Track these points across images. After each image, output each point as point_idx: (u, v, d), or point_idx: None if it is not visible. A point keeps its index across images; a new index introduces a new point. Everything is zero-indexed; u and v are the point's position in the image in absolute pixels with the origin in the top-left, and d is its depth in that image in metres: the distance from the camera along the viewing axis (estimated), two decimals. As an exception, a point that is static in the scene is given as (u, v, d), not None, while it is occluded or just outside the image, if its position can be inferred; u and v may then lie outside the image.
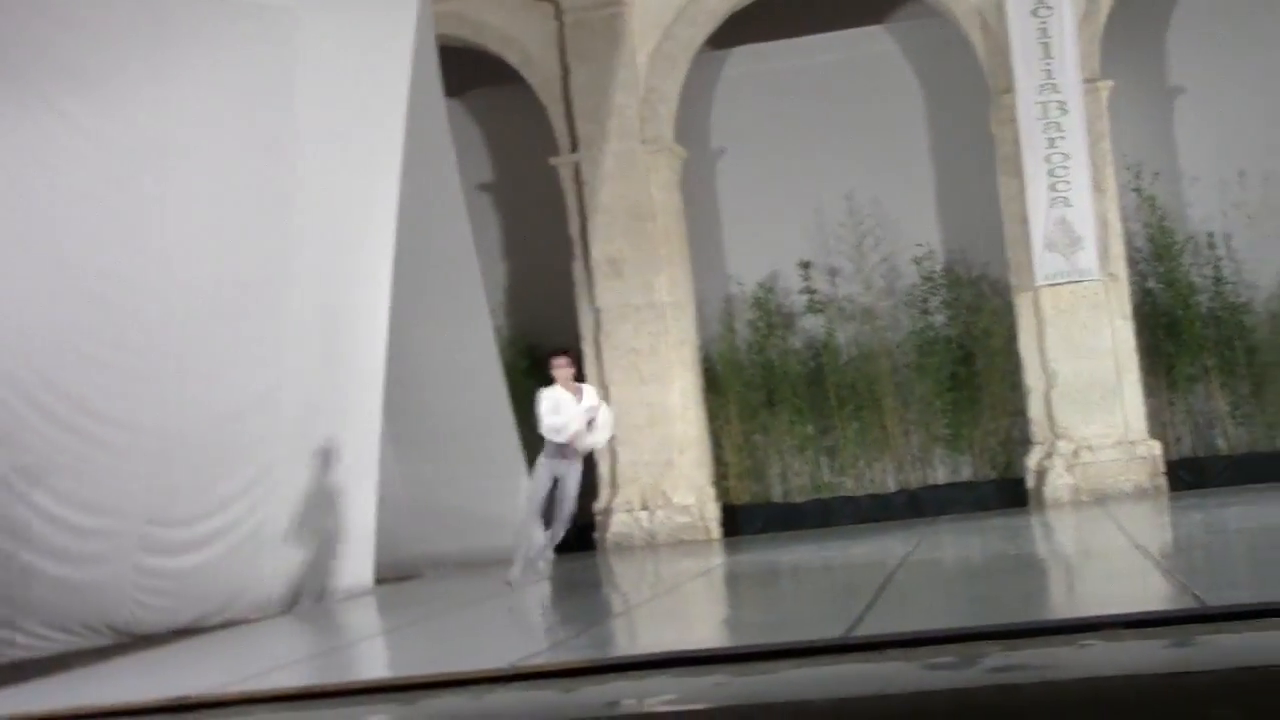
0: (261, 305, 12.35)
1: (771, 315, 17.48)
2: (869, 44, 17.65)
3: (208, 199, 11.78)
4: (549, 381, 12.62)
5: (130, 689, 8.34)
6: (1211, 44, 16.85)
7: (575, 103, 16.83)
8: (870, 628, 7.44)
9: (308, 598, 12.88)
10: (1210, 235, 16.55)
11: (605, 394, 16.60)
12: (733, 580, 12.34)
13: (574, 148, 16.84)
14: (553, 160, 17.01)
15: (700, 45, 16.99)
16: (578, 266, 16.89)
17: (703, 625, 9.72)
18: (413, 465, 15.13)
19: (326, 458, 13.01)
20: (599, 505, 16.67)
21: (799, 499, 17.17)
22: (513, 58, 17.13)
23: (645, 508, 16.56)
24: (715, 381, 17.24)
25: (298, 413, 12.73)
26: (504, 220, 18.51)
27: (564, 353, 12.90)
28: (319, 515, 12.97)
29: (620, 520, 16.56)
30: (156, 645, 10.92)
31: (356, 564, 13.47)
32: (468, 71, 17.21)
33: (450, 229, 15.58)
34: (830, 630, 7.32)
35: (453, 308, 15.59)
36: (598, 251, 16.72)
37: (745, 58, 17.84)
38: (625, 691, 6.38)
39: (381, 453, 13.79)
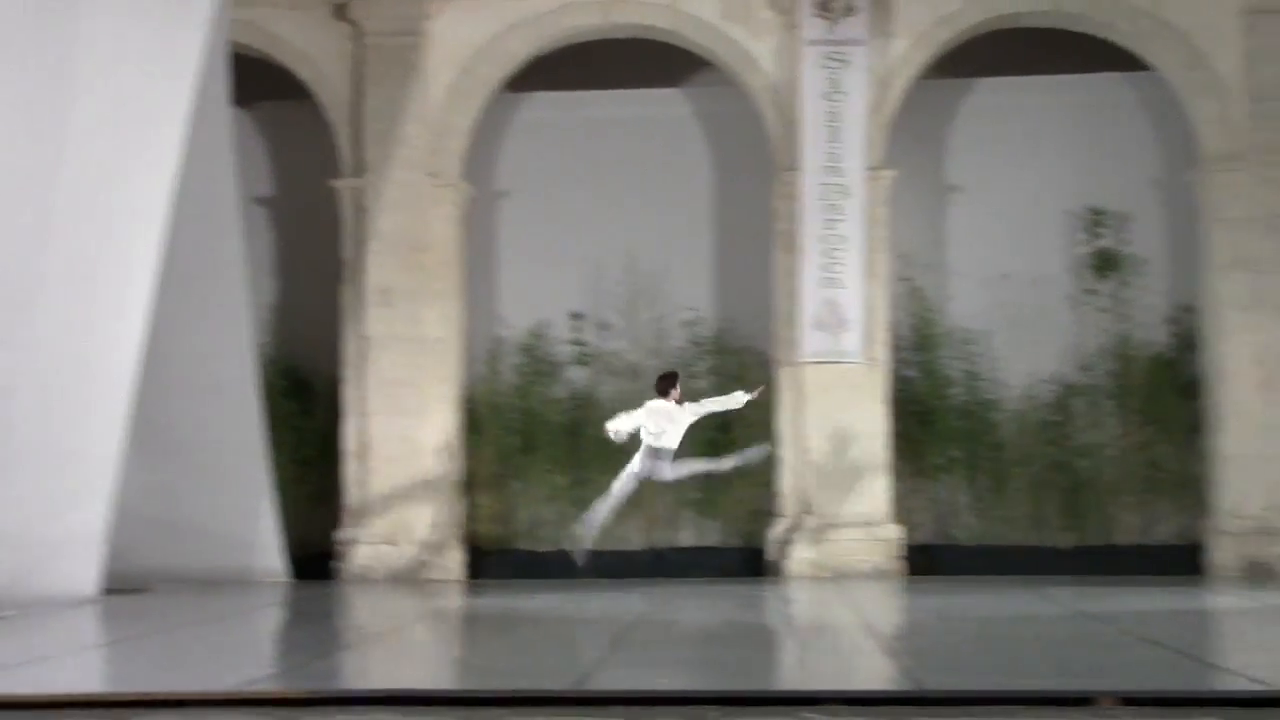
0: (7, 293, 11.90)
1: (538, 362, 17.48)
2: (664, 106, 17.81)
3: None
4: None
5: None
6: (991, 146, 17.40)
7: (365, 127, 16.67)
8: (600, 682, 7.44)
9: (23, 603, 12.35)
10: (969, 332, 17.04)
11: (363, 424, 16.44)
12: (469, 623, 12.27)
13: (358, 172, 16.66)
14: (335, 182, 16.80)
15: (498, 85, 16.97)
16: (348, 291, 16.68)
17: (433, 665, 9.63)
18: (154, 475, 14.73)
19: (62, 460, 12.58)
20: (342, 535, 16.44)
21: (545, 548, 17.12)
22: (305, 74, 16.90)
23: (390, 542, 16.38)
24: (475, 422, 17.15)
25: (35, 412, 12.29)
26: (279, 237, 18.19)
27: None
28: (43, 520, 12.51)
29: (364, 552, 16.34)
30: None
31: (80, 572, 12.99)
32: (257, 82, 16.89)
33: (221, 239, 15.30)
34: (559, 681, 7.30)
35: (215, 319, 15.28)
36: (371, 279, 16.54)
37: (541, 104, 17.86)
38: (344, 725, 6.28)
39: (125, 460, 13.39)
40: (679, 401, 13.72)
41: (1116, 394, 16.84)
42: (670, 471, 13.84)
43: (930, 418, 16.82)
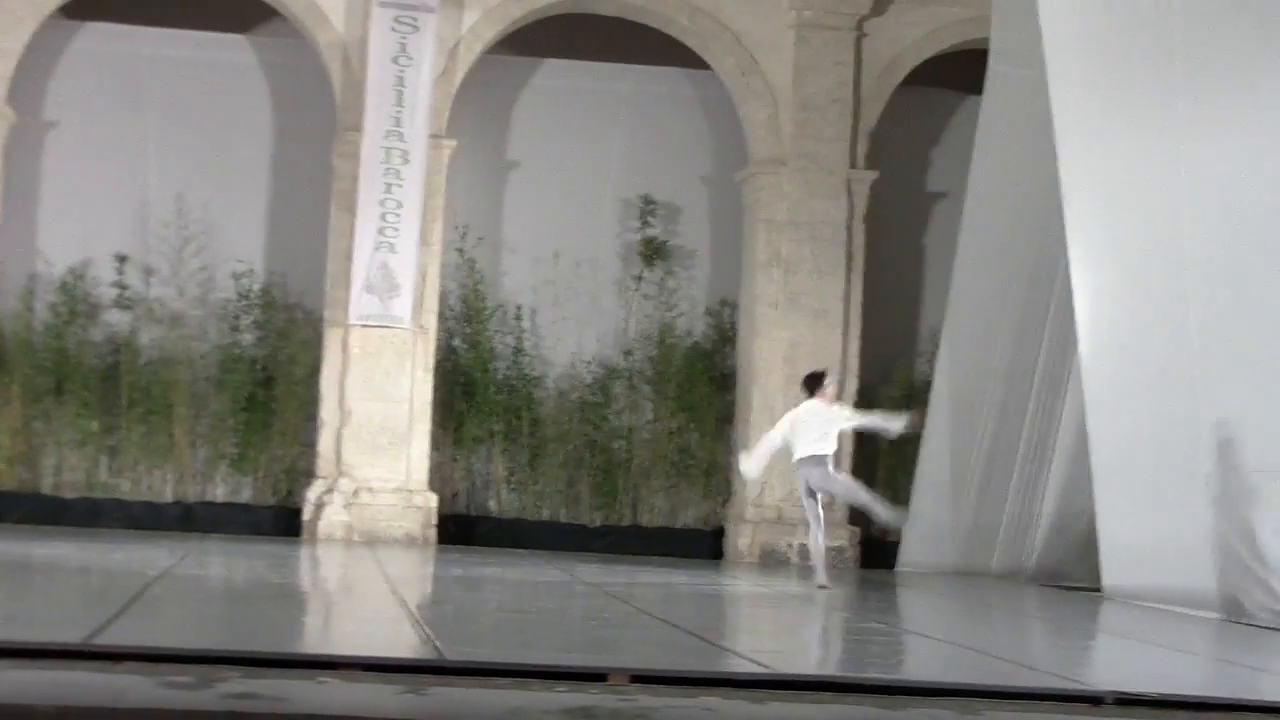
0: None
1: (76, 303, 16.83)
2: (228, 51, 17.39)
3: None
4: None
5: None
6: (552, 126, 17.73)
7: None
8: (114, 637, 7.28)
9: None
10: (519, 307, 17.35)
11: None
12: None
13: (-107, 87, 15.68)
14: None
15: (51, 10, 16.18)
16: None
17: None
18: None
19: None
20: None
21: (70, 495, 16.56)
22: None
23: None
24: (3, 360, 16.41)
25: None
26: None
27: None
28: None
29: None
30: None
31: None
32: None
33: None
34: (70, 634, 7.11)
35: None
36: (-102, 200, 15.61)
37: (100, 35, 17.12)
38: None
39: None
40: (832, 401, 13.25)
41: (654, 380, 17.47)
42: (841, 483, 13.44)
43: (473, 389, 17.05)
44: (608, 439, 17.35)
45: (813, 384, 13.16)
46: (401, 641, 8.23)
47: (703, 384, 17.47)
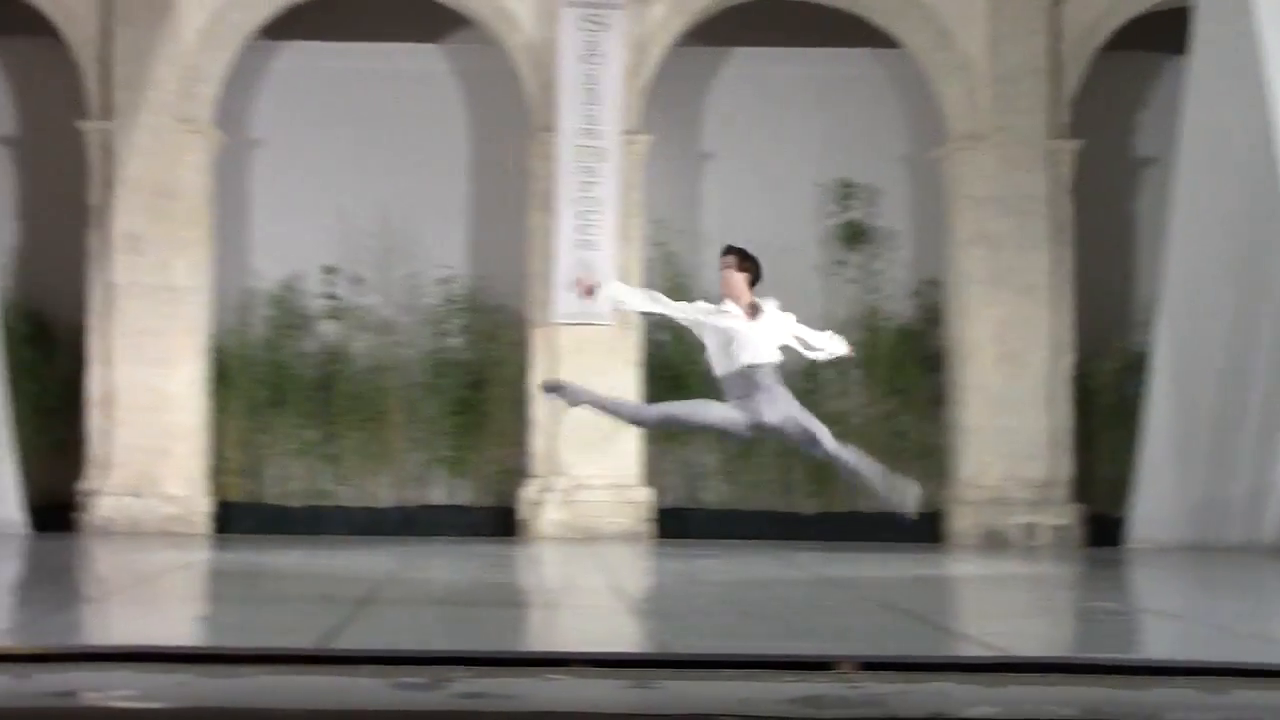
0: None
1: (290, 315, 17.24)
2: (421, 60, 17.68)
3: None
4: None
5: None
6: (744, 115, 17.68)
7: (114, 68, 16.21)
8: (346, 641, 7.40)
9: None
10: (721, 298, 17.23)
11: (107, 373, 16.01)
12: (213, 578, 12.06)
13: (106, 114, 16.19)
14: (81, 124, 16.31)
15: (253, 31, 16.64)
16: (95, 238, 16.24)
17: (174, 621, 9.46)
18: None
19: None
20: (85, 486, 16.04)
21: (294, 503, 16.96)
22: (52, 11, 16.36)
23: (135, 494, 16.02)
24: (224, 374, 16.85)
25: None
26: (22, 178, 17.61)
27: (731, 250, 10.44)
28: None
29: (107, 504, 15.95)
30: None
31: None
32: (1, 17, 16.32)
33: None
34: (304, 639, 7.24)
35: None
36: (118, 225, 16.12)
37: (298, 53, 17.56)
38: (84, 683, 6.13)
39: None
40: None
41: (864, 364, 17.27)
42: (784, 409, 10.37)
43: (681, 382, 17.00)
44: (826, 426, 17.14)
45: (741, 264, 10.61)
46: (626, 636, 8.24)
47: (912, 366, 17.24)
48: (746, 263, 10.57)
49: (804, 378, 17.18)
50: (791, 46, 17.59)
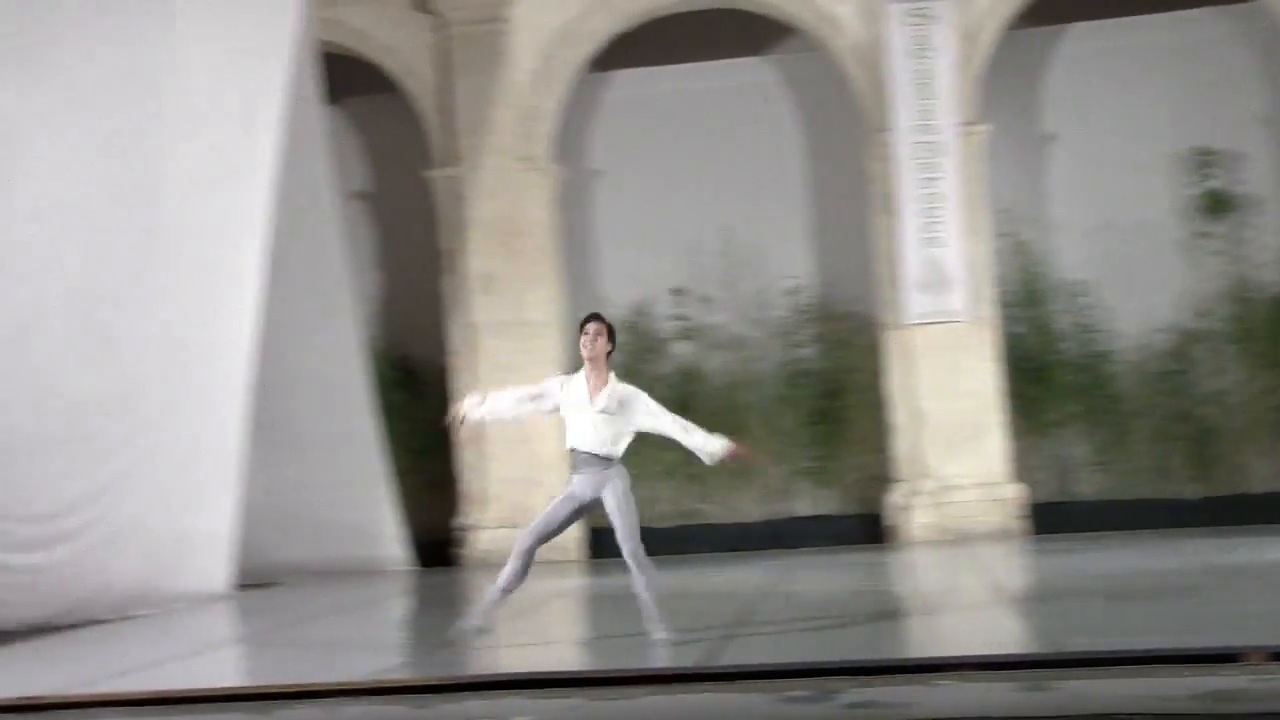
0: (119, 302, 12.03)
1: (644, 339, 17.43)
2: (749, 74, 17.68)
3: (62, 191, 11.43)
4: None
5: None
6: (1085, 93, 17.10)
7: (455, 116, 16.68)
8: (729, 657, 7.39)
9: (160, 601, 12.53)
10: (1078, 284, 16.76)
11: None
12: (592, 602, 12.24)
13: (451, 161, 16.69)
14: (429, 173, 16.84)
15: (582, 65, 16.93)
16: (450, 280, 16.73)
17: (560, 647, 9.62)
18: (275, 471, 14.88)
19: (185, 462, 12.72)
20: (462, 522, 16.51)
21: (662, 524, 17.10)
22: (393, 67, 16.96)
23: (511, 526, 16.38)
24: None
25: (156, 415, 12.44)
26: (379, 230, 18.29)
27: (595, 319, 9.32)
28: (175, 519, 12.68)
29: (485, 537, 16.37)
30: (7, 642, 10.57)
31: (211, 569, 13.21)
32: (346, 78, 17.00)
33: (322, 236, 15.41)
34: (688, 658, 7.26)
35: (321, 315, 15.44)
36: (471, 266, 16.58)
37: (627, 81, 17.80)
38: (480, 710, 6.27)
39: (248, 457, 13.56)
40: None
41: (1238, 338, 16.44)
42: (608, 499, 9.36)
43: (1043, 374, 16.57)
44: (1195, 406, 16.39)
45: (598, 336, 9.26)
46: (1013, 637, 8.02)
47: (1290, 337, 16.33)
48: (610, 335, 9.42)
49: (1174, 359, 16.56)
50: (1131, 16, 16.93)
